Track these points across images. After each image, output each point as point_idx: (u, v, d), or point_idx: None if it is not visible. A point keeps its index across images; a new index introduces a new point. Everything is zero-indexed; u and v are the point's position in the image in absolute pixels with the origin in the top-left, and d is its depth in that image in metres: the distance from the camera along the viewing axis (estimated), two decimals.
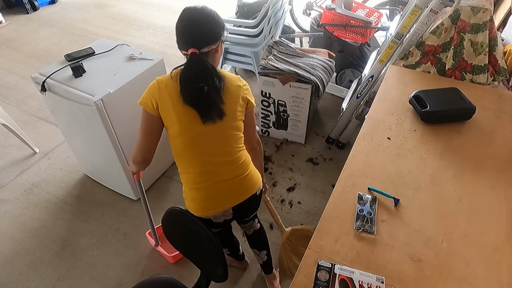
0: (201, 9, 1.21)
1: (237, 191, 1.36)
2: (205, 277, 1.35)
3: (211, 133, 1.26)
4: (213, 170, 1.30)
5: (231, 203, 1.36)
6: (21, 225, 2.22)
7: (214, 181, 1.31)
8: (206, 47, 1.21)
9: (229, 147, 1.31)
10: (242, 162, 1.36)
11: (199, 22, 1.20)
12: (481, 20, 1.84)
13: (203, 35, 1.21)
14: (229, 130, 1.29)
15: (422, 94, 1.69)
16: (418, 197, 1.31)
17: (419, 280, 1.07)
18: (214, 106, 1.23)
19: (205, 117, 1.22)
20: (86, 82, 1.90)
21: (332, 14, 2.97)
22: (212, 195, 1.33)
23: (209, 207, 1.34)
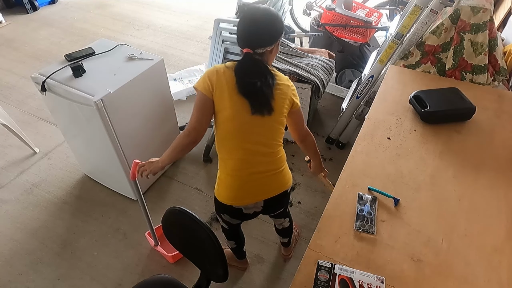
0: (263, 11, 1.26)
1: (271, 184, 1.41)
2: (205, 277, 1.35)
3: (258, 124, 1.31)
4: (252, 160, 1.35)
5: (264, 195, 1.41)
6: (21, 225, 2.22)
7: (252, 171, 1.36)
8: (261, 48, 1.26)
9: (271, 139, 1.36)
10: (279, 157, 1.41)
11: (259, 25, 1.25)
12: (481, 20, 1.84)
13: (260, 37, 1.26)
14: (275, 124, 1.34)
15: (422, 94, 1.69)
16: (418, 197, 1.31)
17: (419, 280, 1.07)
18: (265, 101, 1.28)
19: (255, 109, 1.28)
20: (86, 82, 1.90)
21: (332, 14, 2.97)
22: (247, 185, 1.38)
23: (242, 197, 1.40)
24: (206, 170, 2.57)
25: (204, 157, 2.62)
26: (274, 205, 1.52)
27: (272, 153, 1.38)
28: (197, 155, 2.67)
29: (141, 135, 2.17)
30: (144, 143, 2.21)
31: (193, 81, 3.35)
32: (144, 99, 2.10)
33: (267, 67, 1.30)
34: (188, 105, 3.16)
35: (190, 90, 3.22)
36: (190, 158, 2.67)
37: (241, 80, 1.27)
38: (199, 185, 2.46)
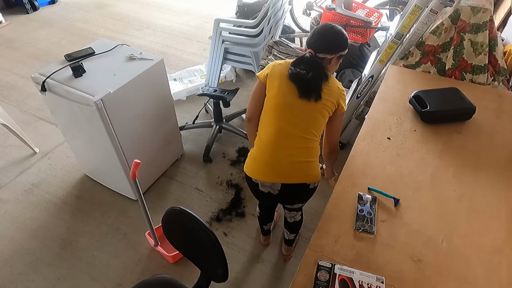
0: (333, 27, 1.43)
1: (294, 170, 1.45)
2: (205, 277, 1.35)
3: (301, 108, 1.41)
4: (285, 139, 1.42)
5: (283, 179, 1.46)
6: (21, 225, 2.22)
7: (281, 150, 1.43)
8: (322, 53, 1.41)
9: (309, 126, 1.42)
10: (312, 147, 1.45)
11: (326, 35, 1.43)
12: (481, 20, 1.84)
13: (323, 44, 1.42)
14: (317, 114, 1.41)
15: (422, 94, 1.69)
16: (418, 197, 1.31)
17: (419, 280, 1.07)
18: (313, 87, 1.39)
19: (303, 92, 1.39)
20: (86, 82, 1.90)
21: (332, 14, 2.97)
22: (271, 162, 1.45)
23: (263, 172, 1.47)
24: (206, 170, 2.57)
25: (204, 157, 2.62)
26: (291, 195, 1.54)
27: (306, 140, 1.43)
28: (197, 155, 2.67)
29: (141, 135, 2.17)
30: (144, 143, 2.21)
31: (193, 81, 3.35)
32: (144, 99, 2.10)
33: (322, 67, 1.41)
34: (188, 105, 3.16)
35: (190, 90, 3.22)
36: (190, 158, 2.67)
37: (294, 68, 1.41)
38: (199, 185, 2.46)
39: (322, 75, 1.40)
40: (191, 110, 3.09)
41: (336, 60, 1.45)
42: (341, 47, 1.44)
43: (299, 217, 1.81)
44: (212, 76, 3.16)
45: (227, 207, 2.29)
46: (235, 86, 2.94)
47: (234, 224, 2.21)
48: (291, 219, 1.81)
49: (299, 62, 1.42)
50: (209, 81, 3.20)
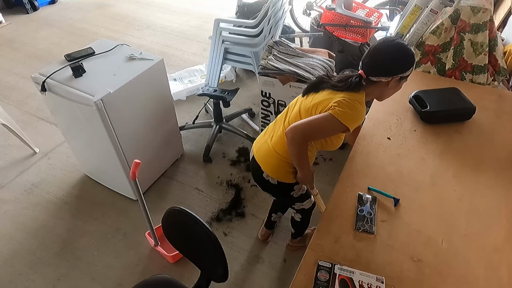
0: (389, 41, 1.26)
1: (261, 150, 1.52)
2: (205, 277, 1.35)
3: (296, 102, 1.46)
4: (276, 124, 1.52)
5: (255, 150, 1.56)
6: (21, 225, 2.22)
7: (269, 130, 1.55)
8: (376, 77, 1.24)
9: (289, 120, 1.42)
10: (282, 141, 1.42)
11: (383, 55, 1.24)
12: (481, 20, 1.84)
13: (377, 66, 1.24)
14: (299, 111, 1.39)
15: (422, 94, 1.69)
16: (418, 197, 1.31)
17: (419, 280, 1.07)
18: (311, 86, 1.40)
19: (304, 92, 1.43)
20: (86, 82, 1.90)
21: (332, 14, 2.97)
22: (260, 137, 1.59)
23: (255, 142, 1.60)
24: (206, 170, 2.57)
25: (204, 157, 2.62)
26: (252, 170, 1.60)
27: (281, 133, 1.43)
28: (197, 155, 2.67)
29: (141, 135, 2.17)
30: (144, 143, 2.21)
31: (193, 81, 3.35)
32: (144, 99, 2.10)
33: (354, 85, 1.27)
34: (188, 105, 3.16)
35: (190, 90, 3.22)
36: (190, 158, 2.67)
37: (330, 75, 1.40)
38: (199, 185, 2.46)
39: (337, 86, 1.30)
40: (191, 110, 3.09)
41: (395, 83, 1.26)
42: (400, 69, 1.23)
43: (297, 218, 1.80)
44: (212, 76, 3.16)
45: (227, 207, 2.29)
46: (235, 86, 2.94)
47: (234, 224, 2.21)
48: (293, 214, 1.83)
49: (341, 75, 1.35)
50: (209, 81, 3.20)
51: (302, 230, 1.92)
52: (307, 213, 1.76)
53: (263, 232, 2.09)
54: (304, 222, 1.83)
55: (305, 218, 1.80)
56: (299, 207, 1.69)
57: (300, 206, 1.68)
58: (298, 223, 1.83)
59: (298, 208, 1.70)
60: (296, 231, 1.93)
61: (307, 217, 1.79)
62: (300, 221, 1.81)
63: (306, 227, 1.89)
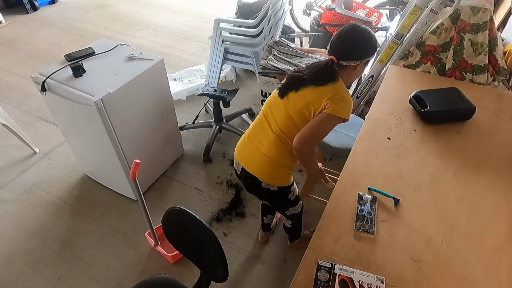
0: (360, 28, 1.32)
1: (253, 160, 1.46)
2: (205, 277, 1.35)
3: (279, 106, 1.40)
4: (260, 131, 1.46)
5: (244, 162, 1.49)
6: (21, 225, 2.22)
7: (254, 139, 1.47)
8: (346, 61, 1.32)
9: (281, 126, 1.38)
10: (280, 148, 1.40)
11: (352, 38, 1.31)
12: (481, 20, 1.84)
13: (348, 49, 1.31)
14: (292, 114, 1.36)
15: (422, 94, 1.69)
16: (418, 197, 1.31)
17: (419, 280, 1.07)
18: (289, 87, 1.37)
19: (280, 92, 1.41)
20: (86, 82, 1.90)
21: (332, 14, 2.97)
22: (245, 145, 1.51)
23: (237, 150, 1.55)
24: (206, 170, 2.57)
25: (204, 157, 2.62)
26: (247, 183, 1.55)
27: (276, 138, 1.40)
28: (197, 155, 2.67)
29: (141, 135, 2.17)
30: (144, 143, 2.21)
31: (193, 81, 3.35)
32: (144, 99, 2.10)
33: (331, 75, 1.32)
34: (188, 105, 3.16)
35: (190, 90, 3.22)
36: (190, 158, 2.67)
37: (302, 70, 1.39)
38: (199, 185, 2.46)
39: (316, 80, 1.32)
40: (191, 110, 3.09)
41: (361, 66, 1.36)
42: (367, 53, 1.33)
43: (288, 224, 1.81)
44: (212, 76, 3.16)
45: (227, 207, 2.29)
46: (235, 86, 2.94)
47: (234, 224, 2.21)
48: (283, 220, 1.85)
49: (311, 66, 1.39)
50: (209, 81, 3.20)
51: (298, 233, 1.92)
52: (297, 218, 1.77)
53: (262, 235, 2.10)
54: (296, 226, 1.83)
55: (296, 222, 1.80)
56: (291, 212, 1.68)
57: (292, 211, 1.68)
58: (290, 228, 1.85)
59: (290, 213, 1.70)
60: (291, 236, 1.94)
61: (298, 221, 1.80)
62: (291, 226, 1.82)
63: (300, 229, 1.89)
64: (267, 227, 2.05)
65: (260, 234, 2.10)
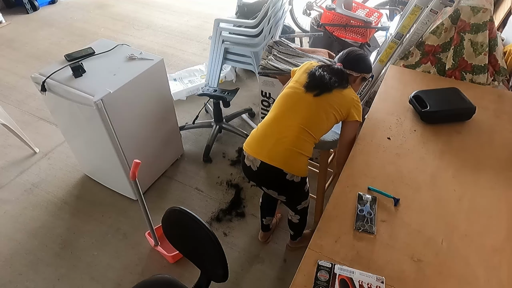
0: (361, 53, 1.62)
1: (276, 153, 1.46)
2: (205, 277, 1.35)
3: (306, 101, 1.49)
4: (281, 124, 1.49)
5: (265, 157, 1.48)
6: (21, 225, 2.22)
7: (274, 132, 1.49)
8: (349, 70, 1.55)
9: (308, 120, 1.47)
10: (304, 141, 1.47)
11: (355, 56, 1.59)
12: (481, 20, 1.84)
13: (351, 61, 1.57)
14: (321, 111, 1.48)
15: (422, 94, 1.69)
16: (418, 197, 1.31)
17: (419, 280, 1.07)
18: (319, 84, 1.49)
19: (308, 87, 1.50)
20: (86, 82, 1.90)
21: (332, 14, 2.97)
22: (262, 139, 1.51)
23: (252, 146, 1.54)
24: (206, 170, 2.57)
25: (204, 157, 2.62)
26: (267, 177, 1.54)
27: (302, 131, 1.46)
28: (197, 155, 2.67)
29: (141, 135, 2.17)
30: (144, 143, 2.21)
31: (193, 81, 3.35)
32: (144, 99, 2.10)
33: (346, 78, 1.54)
34: (188, 105, 3.16)
35: (190, 90, 3.22)
36: (190, 158, 2.67)
37: (320, 69, 1.52)
38: (199, 185, 2.46)
39: (340, 82, 1.50)
40: (191, 110, 3.09)
41: (359, 81, 1.59)
42: (365, 69, 1.59)
43: (295, 219, 1.82)
44: (212, 76, 3.16)
45: (227, 207, 2.29)
46: (235, 86, 2.94)
47: (234, 224, 2.21)
48: (289, 217, 1.85)
49: (327, 68, 1.54)
50: (209, 81, 3.20)
51: (301, 231, 1.93)
52: (305, 212, 1.79)
53: (262, 235, 2.10)
54: (303, 221, 1.84)
55: (303, 218, 1.82)
56: (302, 206, 1.72)
57: (304, 204, 1.71)
58: (297, 224, 1.85)
59: (301, 207, 1.72)
60: (295, 233, 1.94)
61: (305, 216, 1.82)
62: (299, 222, 1.83)
63: (304, 225, 1.90)
64: (266, 227, 2.05)
65: (260, 234, 2.10)
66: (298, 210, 1.75)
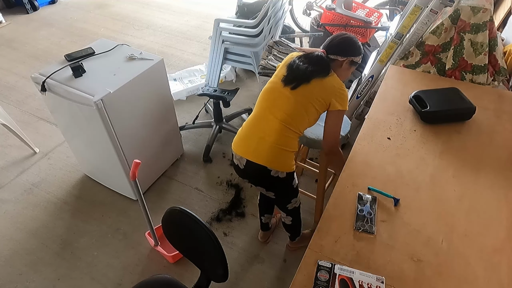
0: (347, 34, 1.53)
1: (261, 151, 1.48)
2: (205, 277, 1.35)
3: (285, 95, 1.46)
4: (264, 122, 1.49)
5: (250, 155, 1.50)
6: (21, 225, 2.22)
7: (257, 130, 1.50)
8: (333, 55, 1.48)
9: (288, 115, 1.44)
10: (287, 137, 1.46)
11: (339, 38, 1.51)
12: (481, 20, 1.84)
13: (335, 45, 1.49)
14: (298, 105, 1.44)
15: (422, 94, 1.69)
16: (418, 197, 1.31)
17: (419, 280, 1.07)
18: (296, 77, 1.45)
19: (286, 81, 1.46)
20: (86, 82, 1.90)
21: (332, 14, 2.97)
22: (246, 138, 1.54)
23: (238, 144, 1.57)
24: (206, 170, 2.57)
25: (204, 157, 2.62)
26: (253, 175, 1.56)
27: (283, 127, 1.44)
28: (197, 155, 2.67)
29: (141, 135, 2.17)
30: (144, 143, 2.21)
31: (193, 81, 3.35)
32: (144, 99, 2.10)
33: (327, 65, 1.46)
34: (188, 105, 3.16)
35: (190, 90, 3.22)
36: (190, 158, 2.67)
37: (298, 60, 1.48)
38: (199, 185, 2.46)
39: (319, 71, 1.44)
40: (191, 110, 3.09)
41: (347, 65, 1.51)
42: (352, 52, 1.49)
43: (288, 221, 1.80)
44: (212, 76, 3.16)
45: (227, 207, 2.29)
46: (235, 86, 2.94)
47: (234, 224, 2.21)
48: (283, 219, 1.83)
49: (305, 57, 1.48)
50: (209, 81, 3.20)
51: (298, 230, 1.92)
52: (297, 213, 1.78)
53: (261, 235, 2.10)
54: (297, 222, 1.83)
55: (296, 218, 1.80)
56: (293, 205, 1.69)
57: (294, 204, 1.69)
58: (290, 225, 1.84)
59: (292, 207, 1.70)
60: (292, 234, 1.94)
61: (297, 216, 1.80)
62: (292, 223, 1.82)
63: (300, 226, 1.89)
64: (266, 226, 2.04)
65: (260, 234, 2.10)
66: (288, 210, 1.72)
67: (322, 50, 1.49)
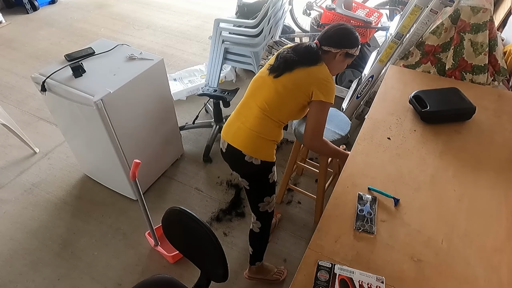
0: (343, 25, 1.49)
1: (239, 136, 1.49)
2: (205, 277, 1.35)
3: (267, 84, 1.46)
4: (247, 109, 1.50)
5: (230, 139, 1.52)
6: (21, 225, 2.22)
7: (241, 116, 1.51)
8: (327, 46, 1.44)
9: (269, 103, 1.43)
10: (266, 125, 1.45)
11: (334, 29, 1.46)
12: (481, 20, 1.84)
13: (329, 36, 1.45)
14: (276, 93, 1.43)
15: (422, 94, 1.69)
16: (418, 197, 1.31)
17: (419, 280, 1.07)
18: (279, 66, 1.43)
19: (270, 70, 1.46)
20: (86, 82, 1.90)
21: (332, 14, 2.97)
22: (230, 123, 1.55)
23: (224, 130, 1.58)
24: (206, 170, 2.57)
25: (204, 157, 2.62)
26: (230, 158, 1.57)
27: (263, 115, 1.44)
28: (197, 155, 2.67)
29: (141, 135, 2.17)
30: (144, 143, 2.21)
31: (193, 81, 3.36)
32: (144, 99, 2.10)
33: (316, 56, 1.43)
34: (188, 105, 3.16)
35: (190, 90, 3.22)
36: (190, 158, 2.67)
37: (288, 50, 1.46)
38: (199, 185, 2.46)
39: (304, 62, 1.41)
40: (191, 110, 3.09)
41: (341, 57, 1.46)
42: (346, 43, 1.44)
43: (256, 228, 1.68)
44: (212, 76, 3.16)
45: (227, 207, 2.29)
46: (235, 86, 2.94)
47: (234, 224, 2.21)
48: (251, 225, 1.72)
49: (294, 47, 1.47)
50: (209, 81, 3.20)
51: (262, 249, 1.79)
52: (267, 220, 1.67)
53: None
54: (264, 234, 1.71)
55: (265, 228, 1.68)
56: (264, 208, 1.60)
57: (266, 206, 1.60)
58: (257, 235, 1.70)
59: (263, 209, 1.61)
60: (254, 250, 1.78)
61: (267, 226, 1.69)
62: (259, 232, 1.69)
63: (265, 244, 1.77)
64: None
65: None
66: (259, 212, 1.62)
67: (316, 41, 1.46)
